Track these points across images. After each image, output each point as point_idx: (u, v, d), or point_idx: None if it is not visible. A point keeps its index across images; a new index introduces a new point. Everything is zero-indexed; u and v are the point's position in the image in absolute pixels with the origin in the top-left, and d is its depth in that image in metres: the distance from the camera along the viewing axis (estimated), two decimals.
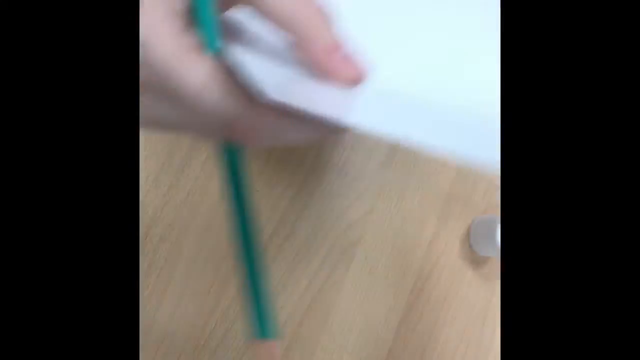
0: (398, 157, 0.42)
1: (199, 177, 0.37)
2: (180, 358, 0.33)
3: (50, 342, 0.18)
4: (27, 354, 0.18)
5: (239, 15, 0.24)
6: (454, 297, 0.42)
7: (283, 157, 0.38)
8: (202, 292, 0.34)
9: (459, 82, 0.29)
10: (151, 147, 0.36)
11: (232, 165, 0.22)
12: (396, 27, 0.30)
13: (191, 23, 0.20)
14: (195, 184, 0.36)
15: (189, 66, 0.19)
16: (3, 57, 0.17)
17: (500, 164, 0.21)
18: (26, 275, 0.18)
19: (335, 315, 0.38)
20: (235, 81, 0.19)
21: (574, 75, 0.22)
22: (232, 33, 0.23)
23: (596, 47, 0.22)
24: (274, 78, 0.22)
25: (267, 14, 0.20)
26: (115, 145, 0.18)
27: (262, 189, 0.37)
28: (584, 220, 0.21)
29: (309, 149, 0.39)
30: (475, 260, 0.43)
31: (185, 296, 0.34)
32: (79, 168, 0.18)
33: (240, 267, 0.22)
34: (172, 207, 0.36)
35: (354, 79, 0.21)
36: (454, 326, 0.41)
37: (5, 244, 0.17)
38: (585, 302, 0.21)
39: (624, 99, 0.21)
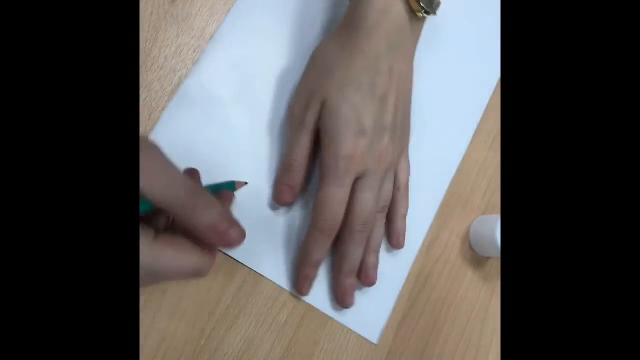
0: None
1: None
2: (180, 359, 0.33)
3: (52, 343, 0.18)
4: (31, 354, 0.18)
5: None
6: (454, 297, 0.42)
7: None
8: (202, 292, 0.34)
9: None
10: None
11: None
12: None
13: None
14: None
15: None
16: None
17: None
18: (35, 285, 0.18)
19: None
20: None
21: (572, 76, 0.22)
22: None
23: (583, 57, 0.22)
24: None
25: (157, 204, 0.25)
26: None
27: None
28: (582, 220, 0.21)
29: None
30: (475, 260, 0.43)
31: (185, 297, 0.34)
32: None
33: None
34: None
35: (233, 244, 0.27)
36: (454, 326, 0.41)
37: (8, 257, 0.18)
38: (584, 301, 0.21)
39: (623, 99, 0.21)
